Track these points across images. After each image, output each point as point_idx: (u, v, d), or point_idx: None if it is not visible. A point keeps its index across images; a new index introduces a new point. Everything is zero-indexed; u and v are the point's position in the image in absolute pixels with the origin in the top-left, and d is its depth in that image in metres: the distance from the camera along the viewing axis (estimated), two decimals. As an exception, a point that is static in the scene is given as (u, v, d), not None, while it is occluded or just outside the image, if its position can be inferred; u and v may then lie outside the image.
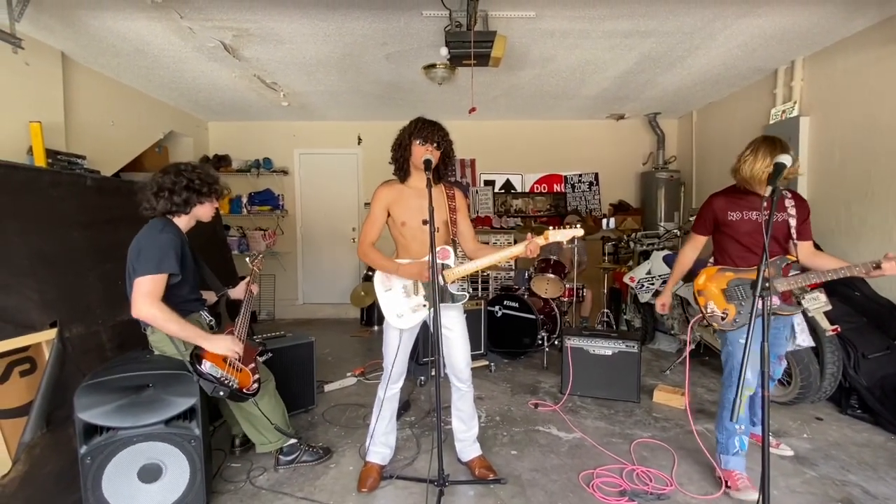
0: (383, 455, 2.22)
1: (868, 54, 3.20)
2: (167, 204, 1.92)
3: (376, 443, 2.19)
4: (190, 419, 1.85)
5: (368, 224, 2.11)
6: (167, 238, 1.86)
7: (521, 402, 3.15)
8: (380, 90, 4.63)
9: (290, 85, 4.47)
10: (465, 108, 5.09)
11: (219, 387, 1.80)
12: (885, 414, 2.69)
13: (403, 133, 2.08)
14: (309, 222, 6.07)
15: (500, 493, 2.09)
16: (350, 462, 2.37)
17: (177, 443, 1.81)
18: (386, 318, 2.10)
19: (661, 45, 3.55)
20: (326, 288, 6.08)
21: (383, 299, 2.11)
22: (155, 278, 1.76)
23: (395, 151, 2.11)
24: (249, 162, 5.81)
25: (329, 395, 3.27)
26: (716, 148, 5.09)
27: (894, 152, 3.06)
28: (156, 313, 1.75)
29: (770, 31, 3.30)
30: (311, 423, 2.82)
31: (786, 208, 2.11)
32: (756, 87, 4.37)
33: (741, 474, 2.12)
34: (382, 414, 2.17)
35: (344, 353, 4.39)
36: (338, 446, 2.52)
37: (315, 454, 2.33)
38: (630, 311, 4.69)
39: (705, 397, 3.26)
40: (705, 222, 2.25)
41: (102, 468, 1.72)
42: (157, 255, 1.80)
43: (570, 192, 5.92)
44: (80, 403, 1.71)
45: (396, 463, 2.34)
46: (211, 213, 2.08)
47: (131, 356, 1.95)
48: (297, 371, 2.90)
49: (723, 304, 2.12)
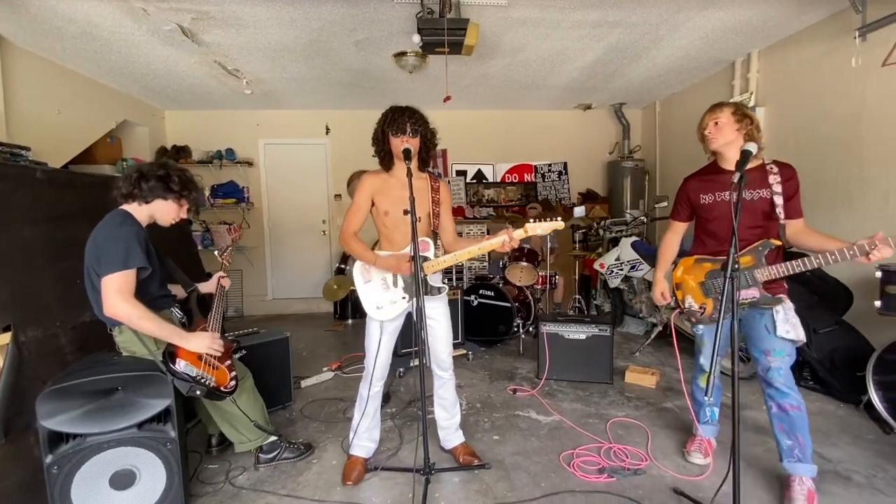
0: (368, 448, 2.21)
1: (818, 47, 3.39)
2: (130, 186, 1.82)
3: (360, 437, 2.17)
4: (164, 421, 1.78)
5: (352, 213, 2.09)
6: (128, 231, 1.75)
7: (499, 389, 3.20)
8: (349, 78, 4.52)
9: (254, 72, 4.30)
10: (436, 97, 5.06)
11: (195, 386, 1.73)
12: (834, 384, 2.90)
13: (379, 126, 2.07)
14: (276, 215, 5.89)
15: (484, 478, 2.13)
16: (332, 457, 2.35)
17: (151, 447, 1.73)
18: (366, 309, 2.08)
19: (627, 36, 3.63)
20: (297, 282, 5.94)
21: (362, 290, 2.10)
22: (125, 274, 1.67)
23: (375, 144, 2.10)
24: (211, 153, 5.56)
25: (306, 391, 3.21)
26: (678, 137, 5.28)
27: (842, 142, 3.26)
28: (131, 311, 1.65)
29: (729, 23, 3.43)
30: (289, 420, 2.77)
31: (769, 185, 1.90)
32: (715, 78, 4.55)
33: (702, 440, 2.28)
34: (367, 411, 2.15)
35: (318, 347, 4.31)
36: (319, 441, 2.49)
37: (296, 451, 2.29)
38: (600, 297, 4.83)
39: (674, 376, 3.41)
40: (681, 207, 2.17)
41: (71, 477, 1.63)
42: (122, 249, 1.70)
43: (541, 181, 6.00)
44: (42, 410, 1.60)
45: (380, 455, 2.33)
46: (171, 217, 1.93)
47: (96, 358, 1.84)
48: (273, 368, 2.83)
49: (700, 299, 2.07)
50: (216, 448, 2.35)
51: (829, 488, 2.01)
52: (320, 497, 2.01)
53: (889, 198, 2.97)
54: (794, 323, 1.91)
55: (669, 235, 2.28)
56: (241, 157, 5.64)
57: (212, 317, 1.99)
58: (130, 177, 1.85)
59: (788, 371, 1.95)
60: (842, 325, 3.10)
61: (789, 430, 1.93)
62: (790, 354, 1.94)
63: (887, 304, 2.57)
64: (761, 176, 1.93)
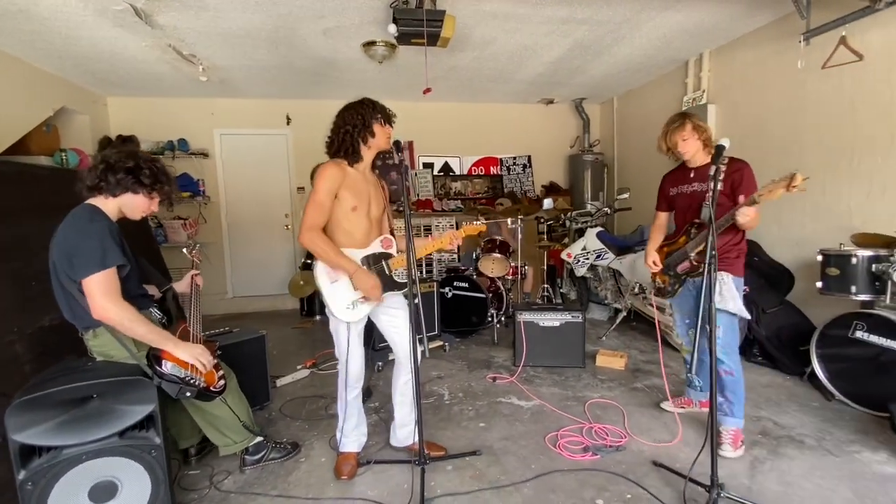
0: (359, 442, 2.19)
1: (765, 49, 3.67)
2: (96, 179, 1.68)
3: (349, 435, 2.14)
4: (148, 428, 1.68)
5: (315, 206, 1.89)
6: (100, 227, 1.63)
7: (479, 378, 3.26)
8: (314, 67, 4.38)
9: (212, 58, 4.06)
10: (405, 88, 5.04)
11: (184, 387, 1.64)
12: (782, 359, 3.19)
13: (364, 112, 1.96)
14: (235, 209, 5.62)
15: (477, 465, 2.17)
16: (321, 454, 2.31)
17: (135, 455, 1.63)
18: (334, 312, 1.96)
19: (593, 33, 3.76)
20: (259, 279, 5.72)
21: (330, 292, 1.95)
22: (106, 274, 1.55)
23: (347, 132, 1.96)
24: (161, 143, 5.21)
25: (283, 390, 3.12)
26: (634, 132, 5.55)
27: (784, 138, 3.56)
28: (122, 313, 1.54)
29: (685, 24, 3.64)
30: (270, 420, 2.69)
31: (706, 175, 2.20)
32: (670, 76, 4.81)
33: (678, 399, 2.67)
34: (350, 412, 2.10)
35: (288, 345, 4.19)
36: (304, 440, 2.44)
37: (283, 450, 2.23)
38: (566, 285, 5.02)
39: (640, 358, 3.62)
40: (660, 199, 2.52)
41: (47, 493, 1.51)
42: (97, 247, 1.58)
43: (506, 174, 6.11)
44: (12, 424, 1.47)
45: (369, 449, 2.31)
46: (142, 211, 1.80)
47: (69, 365, 1.71)
48: (249, 367, 2.72)
49: (661, 277, 2.49)
50: (195, 457, 2.24)
51: (786, 451, 2.22)
52: (314, 495, 1.98)
53: (826, 190, 3.29)
54: (728, 296, 2.16)
55: (653, 225, 2.59)
56: (195, 148, 5.33)
57: (192, 317, 1.89)
58: (96, 168, 1.72)
59: (728, 340, 2.22)
60: (786, 304, 3.41)
61: (721, 390, 2.24)
62: (727, 325, 2.19)
63: (827, 285, 2.86)
64: (706, 172, 2.20)
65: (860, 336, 2.63)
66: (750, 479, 2.01)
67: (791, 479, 2.00)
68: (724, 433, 2.22)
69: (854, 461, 2.13)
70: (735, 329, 2.24)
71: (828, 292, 2.85)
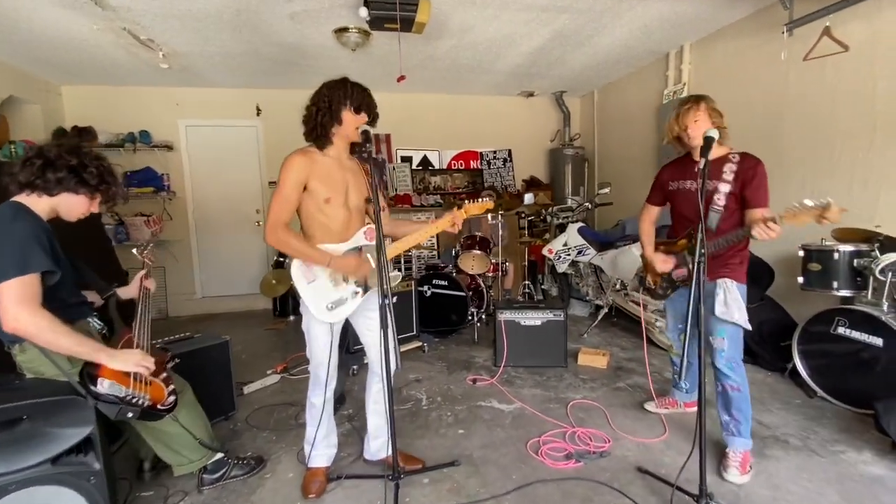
0: (328, 456, 2.04)
1: (746, 41, 3.61)
2: (31, 176, 1.49)
3: (318, 447, 1.99)
4: (86, 452, 1.50)
5: (281, 201, 1.74)
6: (25, 228, 1.43)
7: (458, 380, 3.14)
8: (283, 55, 4.15)
9: (171, 43, 3.80)
10: (380, 79, 4.83)
11: (125, 408, 1.46)
12: (763, 354, 3.16)
13: (332, 94, 1.78)
14: (203, 205, 5.35)
15: (455, 476, 2.05)
16: (288, 468, 2.15)
17: (71, 483, 1.46)
18: (313, 313, 1.82)
19: (573, 23, 3.64)
20: (229, 278, 5.47)
21: (308, 292, 1.81)
22: (24, 280, 1.35)
23: (315, 116, 1.79)
24: (122, 135, 4.90)
25: (250, 398, 2.94)
26: (614, 126, 5.48)
27: (765, 132, 3.52)
28: (40, 323, 1.35)
29: (666, 14, 3.55)
30: (234, 432, 2.51)
31: (721, 175, 1.97)
32: (650, 68, 4.74)
33: (663, 399, 2.59)
34: (320, 421, 1.95)
35: (259, 348, 4.00)
36: (271, 453, 2.27)
37: (246, 466, 2.07)
38: (547, 281, 4.94)
39: (621, 356, 3.55)
40: (654, 192, 2.32)
41: (-37, 532, 1.32)
42: (17, 251, 1.38)
43: (486, 168, 5.98)
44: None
45: (340, 462, 2.17)
46: (80, 212, 1.62)
47: (-9, 384, 1.51)
48: (212, 376, 2.54)
49: (654, 278, 2.33)
50: (150, 472, 2.06)
51: (772, 453, 2.17)
52: (279, 516, 1.83)
53: (805, 184, 3.26)
54: (733, 305, 1.97)
55: (643, 218, 2.37)
56: (159, 141, 5.03)
57: (137, 325, 1.71)
58: (32, 163, 1.51)
59: (733, 353, 2.02)
60: (766, 300, 3.38)
61: (726, 407, 2.07)
62: (732, 337, 2.01)
63: (808, 280, 2.83)
64: (718, 168, 1.98)
65: (842, 332, 2.60)
66: (738, 484, 1.94)
67: (779, 483, 1.95)
68: (731, 455, 2.01)
69: (840, 462, 2.09)
70: (740, 341, 2.04)
71: (809, 288, 2.82)
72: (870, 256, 2.59)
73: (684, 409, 2.53)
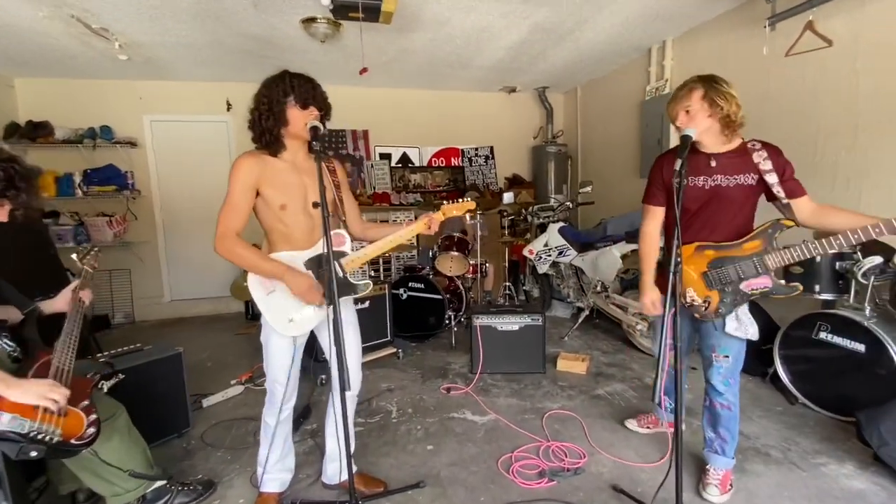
0: (282, 481, 1.89)
1: (728, 36, 3.51)
2: None
3: (271, 470, 1.84)
4: (-10, 491, 1.33)
5: (230, 208, 1.60)
6: None
7: (432, 389, 3.01)
8: (249, 46, 3.94)
9: (127, 32, 3.57)
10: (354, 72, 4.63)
11: (28, 446, 1.28)
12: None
13: (272, 93, 1.62)
14: (170, 204, 5.11)
15: (419, 499, 1.92)
16: (240, 493, 1.99)
17: (-30, 529, 1.29)
18: (275, 328, 1.68)
19: (553, 16, 3.50)
20: (200, 281, 5.24)
21: (267, 305, 1.68)
22: None
23: (259, 118, 1.64)
24: (81, 131, 4.64)
25: (209, 412, 2.76)
26: (598, 122, 5.37)
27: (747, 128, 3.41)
28: None
29: (648, 8, 3.44)
30: (187, 452, 2.34)
31: (756, 165, 1.73)
32: (633, 64, 4.64)
33: (645, 417, 2.45)
34: (275, 442, 1.80)
35: (227, 355, 3.81)
36: (223, 476, 2.11)
37: (193, 493, 1.91)
38: (529, 282, 4.82)
39: (602, 360, 3.45)
40: (656, 189, 1.91)
41: None
42: None
43: (468, 165, 5.83)
44: None
45: (298, 484, 2.02)
46: None
47: None
48: (163, 391, 2.37)
49: (703, 291, 1.80)
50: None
51: (752, 467, 2.07)
52: (223, 550, 1.68)
53: (788, 182, 3.17)
54: (745, 320, 1.78)
55: (649, 224, 1.96)
56: (122, 137, 4.77)
57: (61, 345, 1.53)
58: None
59: (730, 371, 1.86)
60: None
61: (713, 425, 1.96)
62: (737, 354, 1.84)
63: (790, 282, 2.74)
64: (741, 159, 1.75)
65: (824, 337, 2.52)
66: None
67: (759, 502, 1.85)
68: (711, 473, 1.90)
69: (821, 476, 2.00)
70: (742, 357, 1.86)
71: (791, 291, 2.73)
72: (852, 259, 2.51)
73: (668, 428, 2.40)
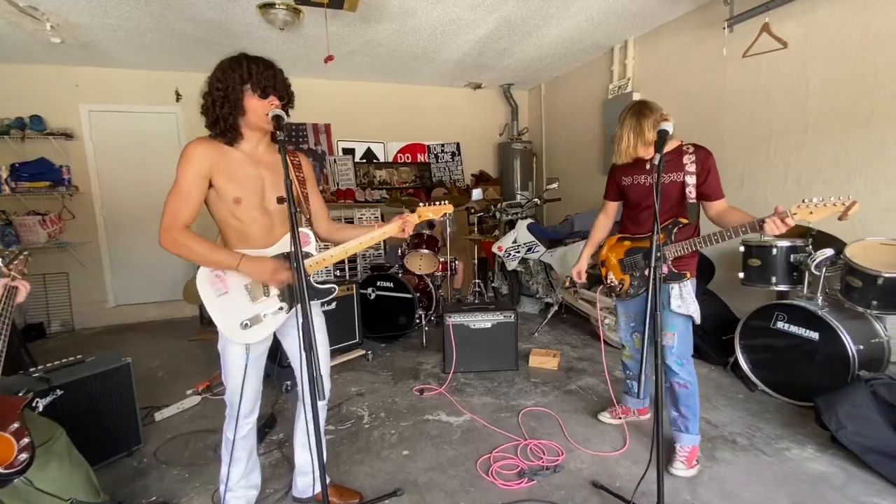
0: (248, 498, 1.75)
1: (688, 37, 3.62)
2: None
3: (234, 488, 1.70)
4: None
5: (177, 198, 1.45)
6: None
7: (405, 391, 2.92)
8: (200, 32, 3.68)
9: (60, 12, 3.24)
10: (315, 63, 4.46)
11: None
12: (705, 348, 3.18)
13: (227, 78, 1.47)
14: (113, 201, 4.72)
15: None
16: (201, 514, 1.84)
17: None
18: (226, 333, 1.53)
19: (520, 10, 3.49)
20: (148, 284, 4.89)
21: (217, 308, 1.52)
22: None
23: (212, 104, 1.50)
24: (7, 121, 4.19)
25: (163, 426, 2.55)
26: (562, 120, 5.44)
27: (705, 127, 3.55)
28: None
29: (612, 6, 3.49)
30: (138, 471, 2.13)
31: (683, 166, 1.92)
32: (596, 63, 4.71)
33: (615, 409, 2.47)
34: (236, 456, 1.65)
35: (181, 363, 3.56)
36: (181, 496, 1.94)
37: (147, 517, 1.74)
38: (498, 279, 4.81)
39: (572, 354, 3.48)
40: (609, 187, 2.22)
41: None
42: None
43: (434, 162, 5.76)
44: None
45: (266, 500, 1.89)
46: None
47: None
48: (109, 406, 2.15)
49: (619, 275, 2.18)
50: (18, 535, 1.67)
51: (722, 455, 2.13)
52: (183, 580, 1.53)
53: (744, 180, 3.32)
54: (689, 298, 1.98)
55: (600, 215, 2.32)
56: (55, 128, 4.36)
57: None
58: None
59: (682, 350, 2.02)
60: (708, 294, 3.42)
61: (674, 403, 2.07)
62: (682, 333, 2.00)
63: (749, 276, 2.86)
64: (676, 159, 1.94)
65: (781, 326, 2.64)
66: (692, 494, 1.87)
67: (731, 489, 1.89)
68: (678, 450, 2.02)
69: (785, 460, 2.08)
70: (690, 337, 2.04)
71: (750, 283, 2.85)
72: (805, 252, 2.64)
73: (638, 416, 2.46)
